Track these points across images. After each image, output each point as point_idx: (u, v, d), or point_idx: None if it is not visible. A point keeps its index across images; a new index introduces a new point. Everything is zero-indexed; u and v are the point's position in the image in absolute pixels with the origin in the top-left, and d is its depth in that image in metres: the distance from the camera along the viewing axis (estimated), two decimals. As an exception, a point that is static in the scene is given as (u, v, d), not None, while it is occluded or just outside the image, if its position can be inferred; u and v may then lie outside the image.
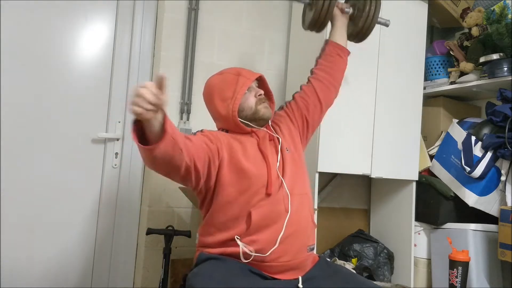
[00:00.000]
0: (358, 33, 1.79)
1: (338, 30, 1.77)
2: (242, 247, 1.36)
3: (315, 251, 1.57)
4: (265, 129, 1.58)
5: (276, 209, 1.41)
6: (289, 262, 1.40)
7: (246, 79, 1.53)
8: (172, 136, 1.16)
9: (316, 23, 1.75)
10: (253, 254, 1.36)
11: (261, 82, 1.63)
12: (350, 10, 1.79)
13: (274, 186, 1.43)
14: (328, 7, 1.70)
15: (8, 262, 2.02)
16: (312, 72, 1.75)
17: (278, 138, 1.56)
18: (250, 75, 1.56)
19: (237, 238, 1.38)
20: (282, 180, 1.45)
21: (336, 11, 1.76)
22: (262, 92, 1.59)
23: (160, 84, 1.06)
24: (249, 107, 1.55)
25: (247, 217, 1.40)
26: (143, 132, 1.16)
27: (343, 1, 1.82)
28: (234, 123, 1.52)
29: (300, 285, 1.37)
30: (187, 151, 1.26)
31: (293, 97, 1.73)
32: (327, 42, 1.77)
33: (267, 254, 1.36)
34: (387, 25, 1.89)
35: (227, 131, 1.57)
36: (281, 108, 1.74)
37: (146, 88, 1.05)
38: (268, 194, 1.42)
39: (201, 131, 1.49)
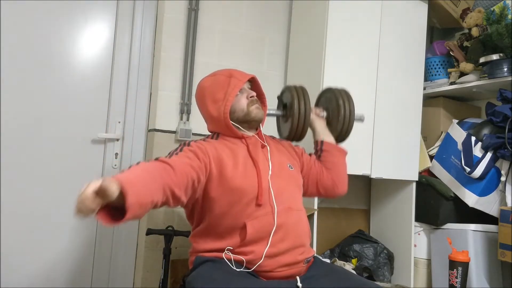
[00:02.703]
0: (338, 136, 1.75)
1: (321, 132, 1.73)
2: (230, 258, 1.38)
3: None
4: (256, 136, 1.57)
5: (271, 222, 1.41)
6: (286, 271, 1.41)
7: (238, 80, 1.52)
8: (137, 204, 1.06)
9: (296, 133, 1.68)
10: (243, 268, 1.37)
11: (254, 83, 1.62)
12: (325, 114, 1.77)
13: (264, 196, 1.42)
14: (304, 115, 1.64)
15: (8, 262, 2.01)
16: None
17: (267, 147, 1.55)
18: (242, 76, 1.54)
19: (228, 249, 1.39)
20: (271, 192, 1.44)
21: (313, 116, 1.72)
22: (254, 94, 1.57)
23: (102, 192, 0.98)
24: (240, 109, 1.54)
25: (241, 229, 1.40)
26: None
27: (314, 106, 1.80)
28: (225, 125, 1.51)
29: (299, 283, 1.37)
30: (162, 191, 1.19)
31: (310, 154, 1.73)
32: (321, 143, 1.71)
33: (255, 267, 1.37)
34: (362, 120, 1.86)
35: (218, 134, 1.57)
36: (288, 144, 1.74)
37: (85, 194, 0.98)
38: (258, 205, 1.41)
39: (188, 144, 1.44)
